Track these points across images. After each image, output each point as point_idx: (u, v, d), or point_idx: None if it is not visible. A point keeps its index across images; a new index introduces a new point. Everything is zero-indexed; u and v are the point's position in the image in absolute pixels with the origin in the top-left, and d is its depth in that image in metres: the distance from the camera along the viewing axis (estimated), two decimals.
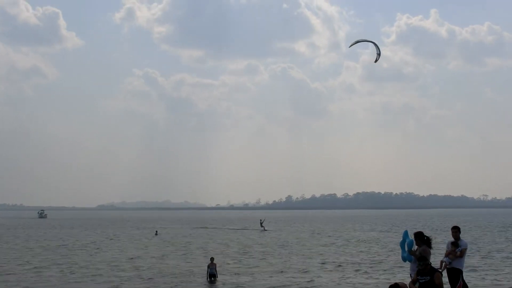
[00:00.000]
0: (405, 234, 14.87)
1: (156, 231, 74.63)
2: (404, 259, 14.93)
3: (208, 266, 26.48)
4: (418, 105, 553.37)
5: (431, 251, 14.94)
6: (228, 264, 33.59)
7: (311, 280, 26.25)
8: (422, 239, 14.74)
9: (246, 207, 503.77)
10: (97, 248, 46.90)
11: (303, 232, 73.15)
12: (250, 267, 31.74)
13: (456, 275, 15.47)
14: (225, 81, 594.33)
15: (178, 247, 48.40)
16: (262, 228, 78.52)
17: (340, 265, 32.23)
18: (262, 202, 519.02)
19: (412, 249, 14.52)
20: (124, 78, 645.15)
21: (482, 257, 36.24)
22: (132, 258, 37.51)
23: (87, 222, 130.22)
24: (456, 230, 16.04)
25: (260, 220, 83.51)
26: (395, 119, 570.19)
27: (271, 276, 27.77)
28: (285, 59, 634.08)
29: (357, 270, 29.82)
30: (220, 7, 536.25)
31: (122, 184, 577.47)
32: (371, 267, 31.28)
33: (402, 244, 14.83)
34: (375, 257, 37.12)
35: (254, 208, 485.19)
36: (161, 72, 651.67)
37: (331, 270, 30.10)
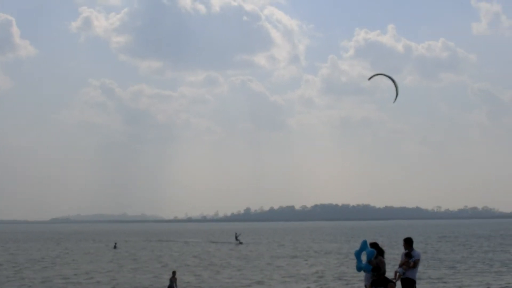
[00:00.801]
0: (364, 244, 14.94)
1: (115, 244, 73.34)
2: (360, 269, 15.01)
3: (170, 280, 26.25)
4: (376, 118, 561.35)
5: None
6: (198, 275, 33.30)
7: None
8: (379, 250, 15.04)
9: (204, 220, 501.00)
10: (53, 263, 45.71)
11: (273, 244, 73.25)
12: (215, 280, 31.55)
13: (409, 285, 15.66)
14: (184, 93, 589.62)
15: (139, 261, 47.66)
16: (238, 241, 76.37)
17: (303, 276, 32.27)
18: (221, 215, 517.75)
19: (372, 259, 14.57)
20: (80, 88, 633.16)
21: (446, 267, 36.91)
22: (90, 272, 36.73)
23: (43, 236, 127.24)
24: (406, 242, 16.16)
25: (236, 233, 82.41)
26: (353, 133, 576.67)
27: None
28: (245, 72, 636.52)
29: (320, 279, 29.85)
30: (179, 18, 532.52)
31: (77, 197, 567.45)
32: (336, 278, 31.42)
33: (357, 254, 14.93)
34: (339, 267, 37.39)
35: (212, 220, 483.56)
36: (118, 82, 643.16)
37: (294, 282, 30.07)
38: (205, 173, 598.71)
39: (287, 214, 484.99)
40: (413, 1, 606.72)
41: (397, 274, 15.60)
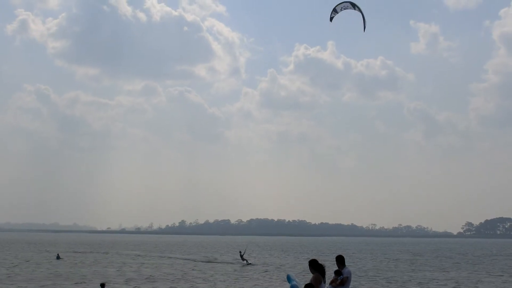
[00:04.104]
0: (288, 278, 15.66)
1: (58, 255, 72.61)
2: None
3: None
4: (313, 134, 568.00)
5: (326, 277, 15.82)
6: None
7: None
8: (315, 267, 15.49)
9: (138, 231, 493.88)
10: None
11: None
12: None
13: None
14: (121, 102, 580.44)
15: (85, 274, 47.78)
16: (245, 262, 63.00)
17: None
18: (155, 227, 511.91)
19: None
20: (13, 93, 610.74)
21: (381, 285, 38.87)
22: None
23: None
24: (337, 260, 17.37)
25: (240, 252, 68.08)
26: (290, 147, 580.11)
27: None
28: (185, 82, 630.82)
29: None
30: (119, 25, 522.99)
31: (6, 204, 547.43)
32: None
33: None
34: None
35: (146, 232, 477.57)
36: (54, 88, 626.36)
37: None
38: (140, 183, 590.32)
39: (222, 227, 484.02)
40: (352, 18, 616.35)
41: None
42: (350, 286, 17.17)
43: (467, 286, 38.87)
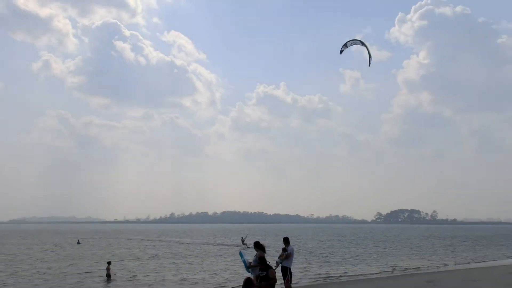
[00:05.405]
0: (240, 254, 15.61)
1: (78, 240, 70.41)
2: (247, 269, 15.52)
3: (107, 269, 26.62)
4: (270, 150, 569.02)
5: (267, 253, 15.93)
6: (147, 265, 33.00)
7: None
8: (259, 247, 15.56)
9: (138, 221, 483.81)
10: (38, 259, 43.58)
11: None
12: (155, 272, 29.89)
13: (285, 271, 17.06)
14: (126, 125, 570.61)
15: (99, 255, 46.26)
16: (245, 245, 53.78)
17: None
18: (151, 218, 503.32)
19: (247, 265, 15.08)
20: (39, 117, 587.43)
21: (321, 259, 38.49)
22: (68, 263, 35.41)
23: (11, 234, 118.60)
24: (284, 240, 17.54)
25: (242, 237, 61.12)
26: (253, 159, 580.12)
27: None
28: (175, 110, 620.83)
29: None
30: (124, 66, 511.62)
31: (32, 200, 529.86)
32: None
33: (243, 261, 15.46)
34: None
35: (145, 222, 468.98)
36: (72, 114, 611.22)
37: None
38: (140, 186, 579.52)
39: (202, 218, 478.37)
40: (299, 65, 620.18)
41: (277, 263, 17.00)
42: (292, 259, 17.46)
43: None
